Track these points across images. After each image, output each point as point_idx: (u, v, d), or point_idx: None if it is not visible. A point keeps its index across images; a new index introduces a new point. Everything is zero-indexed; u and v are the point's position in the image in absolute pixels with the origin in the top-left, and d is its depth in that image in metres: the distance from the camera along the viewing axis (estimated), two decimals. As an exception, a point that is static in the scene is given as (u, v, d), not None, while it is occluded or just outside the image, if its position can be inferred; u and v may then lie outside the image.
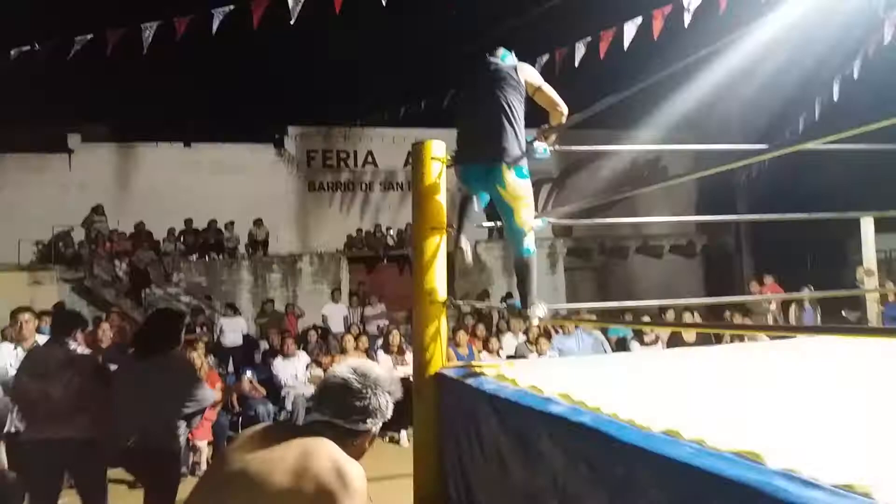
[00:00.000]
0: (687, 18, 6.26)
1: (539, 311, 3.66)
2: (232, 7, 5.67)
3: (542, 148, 4.03)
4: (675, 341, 8.20)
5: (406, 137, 17.33)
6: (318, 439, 1.92)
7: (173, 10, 6.00)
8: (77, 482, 4.36)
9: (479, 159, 3.70)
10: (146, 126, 17.20)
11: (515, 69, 3.79)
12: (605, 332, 9.27)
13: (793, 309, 10.04)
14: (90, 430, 4.09)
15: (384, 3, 5.65)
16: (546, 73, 8.32)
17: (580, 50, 7.27)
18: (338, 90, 19.57)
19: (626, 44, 6.62)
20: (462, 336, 8.41)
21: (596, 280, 19.04)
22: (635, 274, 18.68)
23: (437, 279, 4.29)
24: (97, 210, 15.31)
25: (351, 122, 17.54)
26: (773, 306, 10.01)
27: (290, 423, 1.57)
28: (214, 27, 5.70)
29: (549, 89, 3.88)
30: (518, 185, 3.57)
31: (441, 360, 4.28)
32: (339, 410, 1.99)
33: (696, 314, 9.07)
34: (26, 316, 5.36)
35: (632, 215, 17.58)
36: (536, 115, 4.03)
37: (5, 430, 5.05)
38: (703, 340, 7.73)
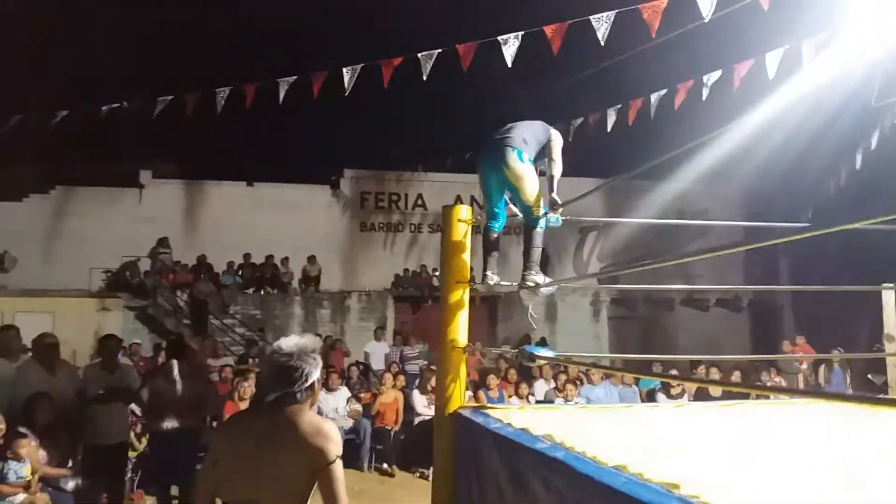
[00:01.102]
0: (705, 92, 6.75)
1: (538, 277, 4.36)
2: (295, 78, 6.45)
3: (555, 217, 4.54)
4: (701, 395, 8.43)
5: (454, 182, 18.10)
6: (294, 412, 2.54)
7: (243, 78, 6.82)
8: None
9: (489, 143, 4.39)
10: (212, 166, 18.40)
11: (549, 129, 4.49)
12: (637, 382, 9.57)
13: (822, 369, 10.13)
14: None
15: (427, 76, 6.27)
16: (579, 134, 8.92)
17: (611, 116, 7.82)
18: (392, 138, 20.53)
19: (653, 111, 7.15)
20: (492, 380, 8.84)
21: (640, 330, 19.11)
22: (680, 326, 18.72)
23: (460, 328, 4.82)
24: (163, 242, 16.36)
25: (403, 167, 18.39)
26: (803, 366, 10.12)
27: (264, 404, 2.00)
28: (281, 96, 6.49)
29: (558, 162, 4.46)
30: (520, 167, 4.22)
31: (459, 400, 4.77)
32: (289, 383, 2.53)
33: (722, 371, 9.26)
34: (110, 343, 6.17)
35: (673, 268, 17.84)
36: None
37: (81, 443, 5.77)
38: (732, 395, 7.94)
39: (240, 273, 16.68)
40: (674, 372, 9.79)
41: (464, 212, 4.91)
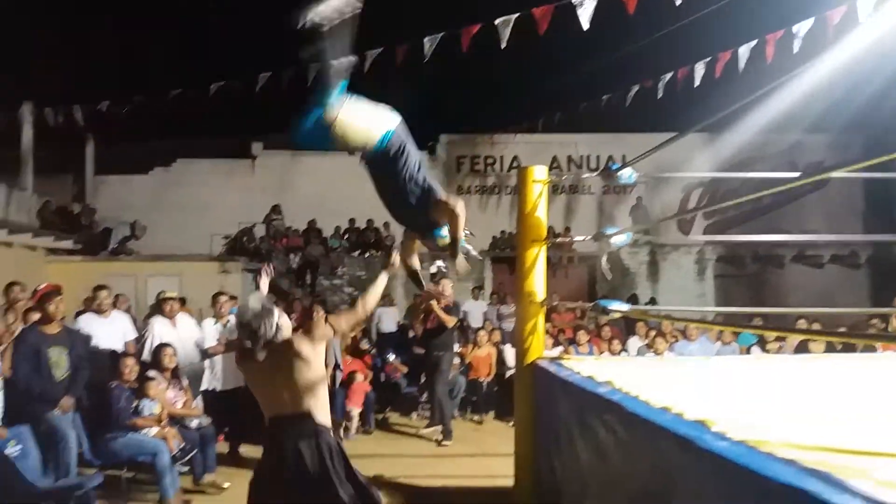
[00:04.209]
0: (797, 44, 6.41)
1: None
2: (381, 49, 6.76)
3: (629, 174, 4.60)
4: (802, 350, 8.21)
5: (548, 143, 18.00)
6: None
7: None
8: None
9: None
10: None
11: None
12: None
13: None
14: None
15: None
16: (668, 89, 8.71)
17: (699, 70, 7.60)
18: (485, 101, 20.58)
19: (741, 64, 6.89)
20: (582, 336, 8.98)
21: (748, 289, 18.43)
22: (791, 284, 17.88)
23: (536, 283, 5.03)
24: (275, 209, 17.40)
25: (496, 129, 18.46)
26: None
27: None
28: (366, 66, 6.82)
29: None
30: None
31: (538, 352, 5.01)
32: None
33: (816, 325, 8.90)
34: (224, 298, 6.86)
35: (786, 222, 17.01)
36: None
37: (203, 387, 6.50)
38: (839, 350, 7.68)
39: (346, 237, 17.48)
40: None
41: (539, 172, 5.08)
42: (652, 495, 2.71)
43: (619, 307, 4.35)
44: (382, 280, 3.58)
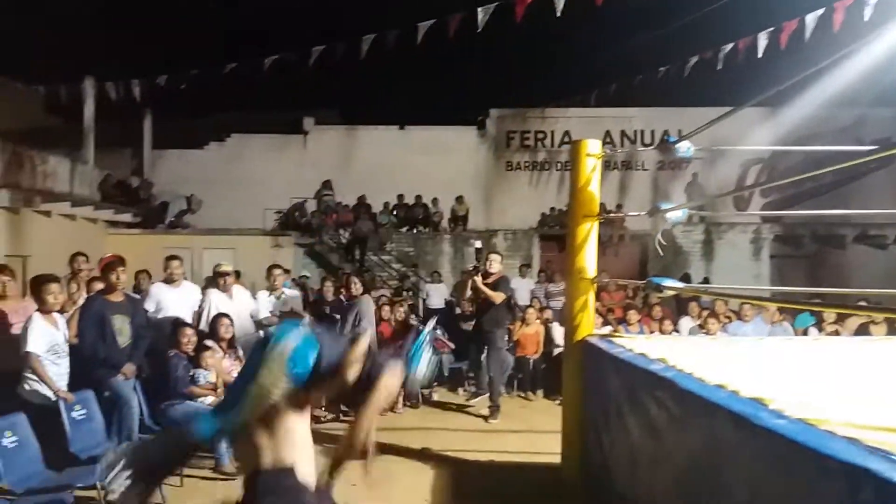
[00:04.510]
0: (868, 12, 6.08)
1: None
2: (433, 21, 6.71)
3: (687, 147, 4.48)
4: (862, 332, 7.94)
5: (601, 117, 17.66)
6: None
7: (386, 24, 7.19)
8: None
9: None
10: (367, 111, 19.33)
11: None
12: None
13: None
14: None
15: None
16: (728, 61, 8.39)
17: (763, 40, 7.30)
18: (536, 74, 20.27)
19: (808, 34, 6.57)
20: (633, 315, 8.86)
21: (806, 269, 17.85)
22: (853, 265, 17.25)
23: (587, 259, 4.98)
24: (326, 185, 17.61)
25: (548, 104, 18.19)
26: None
27: None
28: (419, 38, 6.79)
29: None
30: None
31: (587, 329, 4.98)
32: None
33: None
34: (278, 271, 7.02)
35: (848, 202, 16.36)
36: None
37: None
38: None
39: (395, 213, 17.60)
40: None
41: (592, 146, 5.00)
42: (703, 471, 2.68)
43: (672, 284, 4.27)
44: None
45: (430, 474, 5.38)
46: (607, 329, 8.65)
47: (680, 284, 4.27)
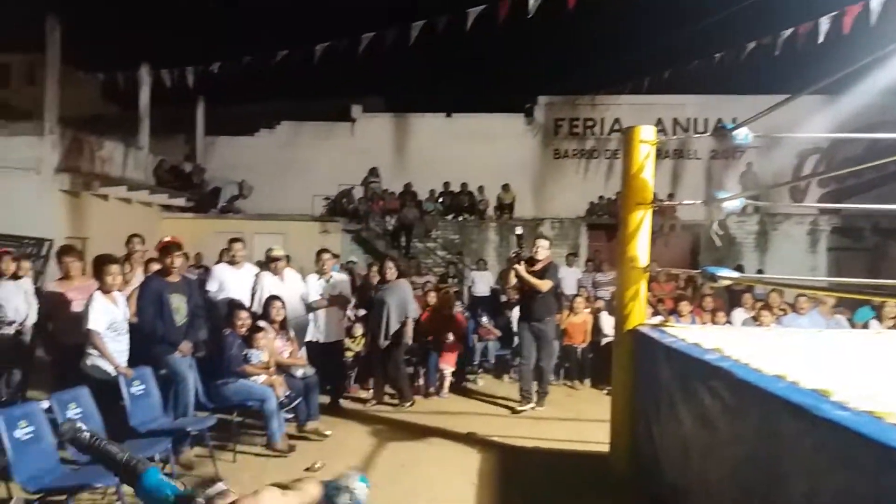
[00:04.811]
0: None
1: None
2: (483, 7, 6.66)
3: (745, 134, 4.36)
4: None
5: (653, 104, 17.31)
6: None
7: (434, 11, 7.18)
8: None
9: None
10: (415, 99, 19.36)
11: None
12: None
13: None
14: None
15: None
16: (786, 47, 8.10)
17: (825, 24, 7.03)
18: (586, 60, 19.96)
19: (873, 18, 6.28)
20: (684, 306, 8.69)
21: (866, 263, 17.22)
22: (918, 260, 16.57)
23: (640, 248, 4.90)
24: (373, 172, 17.70)
25: (598, 90, 17.91)
26: None
27: None
28: (469, 24, 6.76)
29: None
30: None
31: (638, 318, 4.91)
32: None
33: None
34: (327, 255, 7.13)
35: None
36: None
37: (307, 339, 6.79)
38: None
39: (440, 200, 17.61)
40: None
41: (646, 132, 4.91)
42: (760, 462, 2.63)
43: (728, 274, 4.18)
44: None
45: (477, 458, 5.40)
46: (658, 320, 8.53)
47: (735, 273, 4.16)
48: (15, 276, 6.09)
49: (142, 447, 4.25)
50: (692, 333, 4.25)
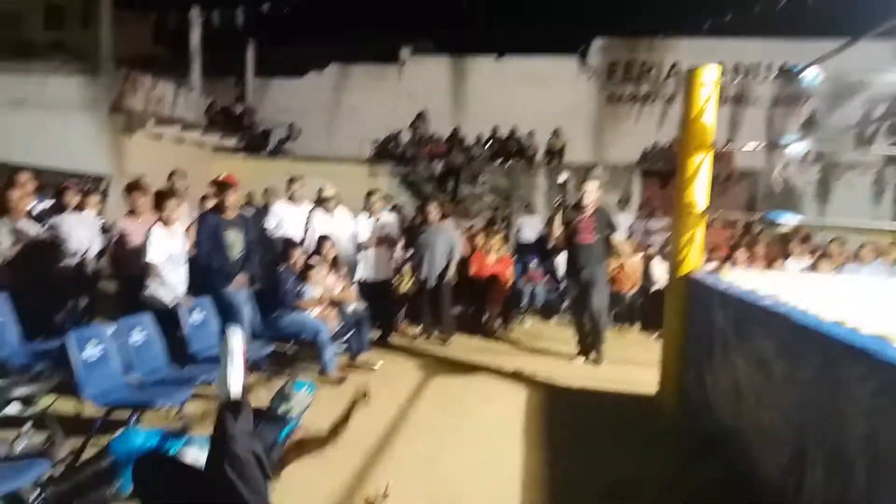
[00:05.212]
0: None
1: None
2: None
3: (814, 75, 4.15)
4: None
5: (713, 48, 16.60)
6: None
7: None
8: None
9: None
10: (465, 40, 18.94)
11: None
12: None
13: None
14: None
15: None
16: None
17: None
18: (644, 1, 19.16)
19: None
20: (740, 255, 8.51)
21: (932, 216, 16.51)
22: None
23: (698, 193, 4.79)
24: (421, 116, 17.55)
25: (656, 32, 17.25)
26: None
27: None
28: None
29: None
30: None
31: (693, 264, 4.83)
32: None
33: None
34: (377, 195, 7.20)
35: None
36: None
37: (357, 277, 6.92)
38: None
39: (488, 145, 17.42)
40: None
41: (709, 73, 4.73)
42: (816, 405, 2.61)
43: (790, 219, 4.06)
44: None
45: (523, 394, 5.48)
46: (712, 267, 8.39)
47: (797, 218, 4.02)
48: (79, 209, 6.30)
49: (202, 372, 4.44)
50: (748, 280, 4.18)
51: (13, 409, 3.32)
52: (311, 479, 3.60)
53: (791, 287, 3.86)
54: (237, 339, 2.68)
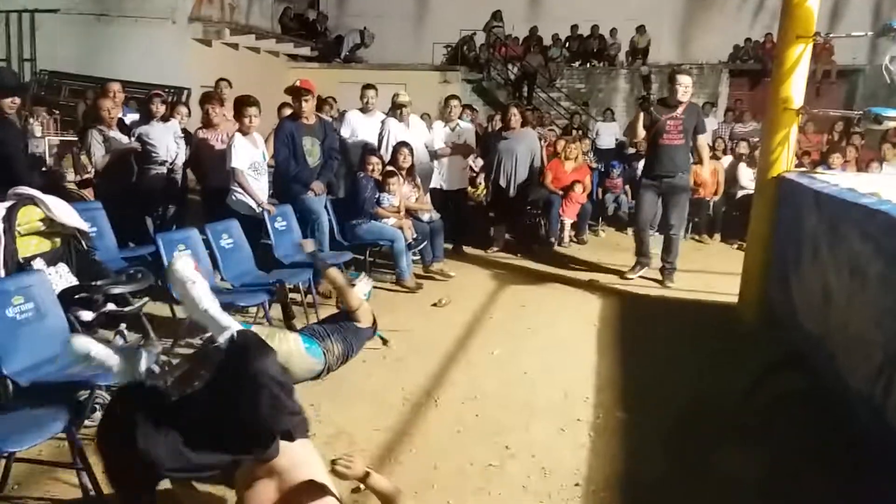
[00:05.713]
0: None
1: None
2: None
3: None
4: None
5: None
6: None
7: None
8: None
9: None
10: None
11: None
12: None
13: None
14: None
15: None
16: None
17: None
18: None
19: None
20: (836, 159, 8.00)
21: None
22: None
23: (795, 87, 4.46)
24: (496, 16, 16.84)
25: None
26: None
27: None
28: None
29: None
30: None
31: (785, 164, 4.57)
32: None
33: None
34: (455, 102, 7.09)
35: None
36: None
37: (431, 186, 6.91)
38: None
39: (567, 45, 16.68)
40: None
41: (816, -48, 4.29)
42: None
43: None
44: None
45: (598, 304, 5.45)
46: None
47: (906, 114, 3.69)
48: (165, 119, 6.47)
49: (288, 275, 4.62)
50: (845, 179, 3.93)
51: (110, 307, 3.54)
52: (388, 381, 3.75)
53: (891, 189, 3.61)
54: (183, 264, 2.22)
